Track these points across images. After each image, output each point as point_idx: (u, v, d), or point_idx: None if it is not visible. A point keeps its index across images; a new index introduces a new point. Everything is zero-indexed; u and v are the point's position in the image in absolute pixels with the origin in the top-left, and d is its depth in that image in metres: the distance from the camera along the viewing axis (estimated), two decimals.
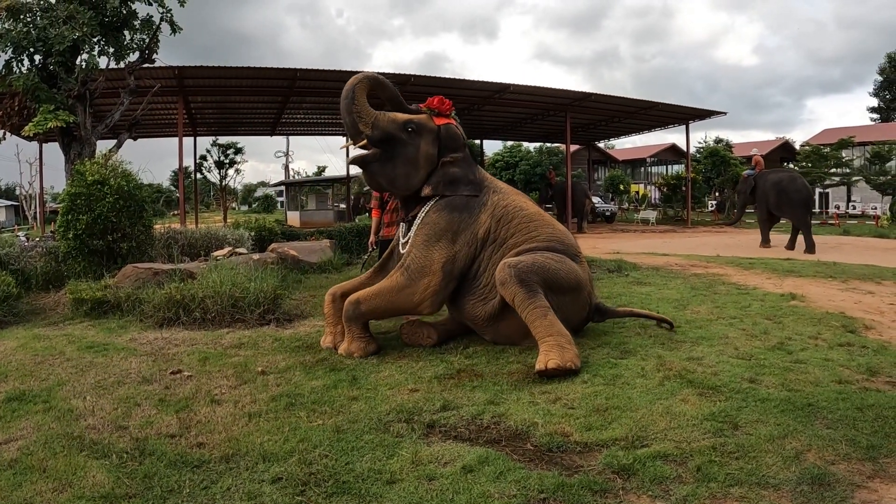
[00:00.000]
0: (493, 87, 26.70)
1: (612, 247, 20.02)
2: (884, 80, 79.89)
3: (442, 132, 7.55)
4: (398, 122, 7.35)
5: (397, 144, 7.30)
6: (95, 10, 14.26)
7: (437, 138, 7.54)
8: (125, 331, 8.38)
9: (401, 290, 7.02)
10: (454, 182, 7.47)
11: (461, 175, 7.52)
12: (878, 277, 12.36)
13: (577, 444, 4.48)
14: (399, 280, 7.06)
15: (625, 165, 73.71)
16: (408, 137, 7.35)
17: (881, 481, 3.91)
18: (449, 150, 7.56)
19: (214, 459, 4.25)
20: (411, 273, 7.04)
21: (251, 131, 38.03)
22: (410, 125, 7.37)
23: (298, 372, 6.31)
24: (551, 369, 5.88)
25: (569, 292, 7.04)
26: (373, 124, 7.17)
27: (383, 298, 7.03)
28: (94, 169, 11.56)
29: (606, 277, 12.16)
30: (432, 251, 7.08)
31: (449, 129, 7.62)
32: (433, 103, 7.74)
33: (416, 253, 7.12)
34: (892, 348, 6.99)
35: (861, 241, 23.60)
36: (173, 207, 55.13)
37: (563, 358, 6.00)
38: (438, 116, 7.67)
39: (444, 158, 7.50)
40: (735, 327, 7.97)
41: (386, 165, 7.31)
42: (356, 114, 7.14)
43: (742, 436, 4.51)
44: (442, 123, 7.61)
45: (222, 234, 14.47)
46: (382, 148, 7.26)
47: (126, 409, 5.31)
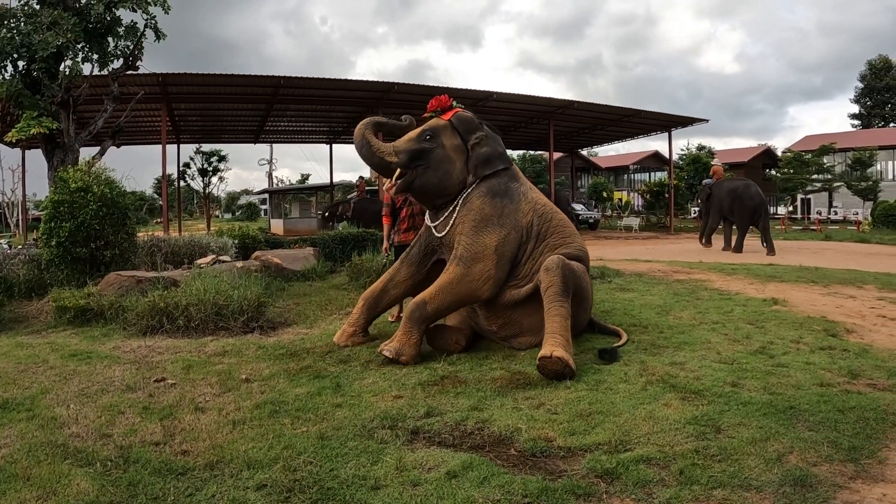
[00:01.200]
0: (477, 95, 26.76)
1: (595, 254, 19.96)
2: (864, 86, 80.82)
3: (454, 122, 7.83)
4: (414, 136, 7.72)
5: (425, 155, 7.59)
6: (80, 16, 14.25)
7: (454, 129, 7.80)
8: (109, 339, 8.35)
9: (460, 281, 7.15)
10: (488, 160, 7.75)
11: (491, 151, 7.81)
12: (860, 282, 12.46)
13: (561, 448, 4.51)
14: (456, 271, 7.18)
15: (608, 173, 74.02)
16: (430, 144, 7.64)
17: (863, 482, 3.96)
18: (469, 132, 7.82)
19: (199, 467, 4.24)
20: (466, 261, 7.19)
21: (235, 139, 37.97)
22: (426, 133, 7.71)
23: (282, 379, 6.30)
24: (556, 357, 6.00)
25: (581, 304, 7.35)
26: (396, 152, 7.55)
27: (446, 293, 7.15)
28: (78, 176, 11.51)
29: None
30: (483, 236, 7.28)
31: (458, 116, 7.93)
32: (433, 106, 8.04)
33: (466, 241, 7.29)
34: (873, 351, 7.07)
35: (843, 247, 23.79)
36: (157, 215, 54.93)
37: (568, 356, 6.13)
38: (444, 113, 7.95)
39: (470, 143, 7.73)
40: (717, 332, 8.04)
41: (427, 177, 7.61)
42: (378, 153, 7.62)
43: (724, 439, 4.55)
44: (450, 116, 7.89)
45: (206, 241, 14.41)
46: (415, 166, 7.54)
47: (110, 416, 5.29)
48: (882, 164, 56.22)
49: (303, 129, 36.07)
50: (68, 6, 14.27)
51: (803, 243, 26.02)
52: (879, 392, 5.60)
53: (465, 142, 7.77)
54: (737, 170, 62.05)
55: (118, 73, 15.72)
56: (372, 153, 7.60)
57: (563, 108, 30.85)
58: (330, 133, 37.32)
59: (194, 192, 50.56)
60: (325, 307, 10.44)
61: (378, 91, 26.36)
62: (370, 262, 12.42)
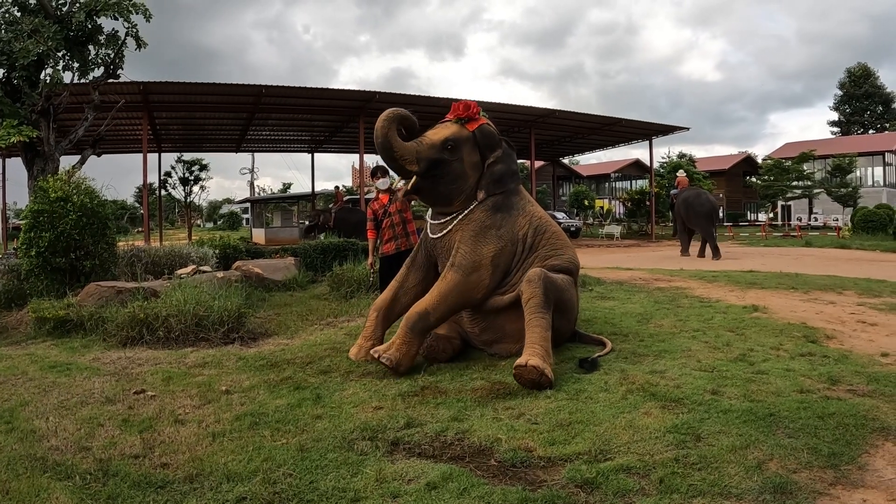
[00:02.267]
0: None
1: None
2: (843, 94, 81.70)
3: (477, 136, 7.59)
4: (437, 144, 7.38)
5: (442, 165, 7.38)
6: (61, 24, 14.21)
7: (476, 144, 7.60)
8: (88, 350, 8.30)
9: (458, 289, 7.13)
10: (501, 180, 7.63)
11: (505, 170, 7.70)
12: (840, 287, 12.52)
13: (541, 458, 4.51)
14: (455, 279, 7.15)
15: (589, 181, 74.35)
16: (450, 156, 7.41)
17: (843, 488, 3.98)
18: (490, 149, 7.66)
19: (178, 480, 4.22)
20: (464, 270, 7.16)
21: (216, 148, 37.90)
22: (449, 143, 7.41)
23: (262, 391, 6.28)
24: (531, 366, 6.00)
25: (564, 315, 7.36)
26: (417, 159, 7.24)
27: (445, 301, 7.14)
28: (57, 186, 11.46)
29: None
30: (481, 247, 7.25)
31: (483, 129, 7.65)
32: (459, 111, 7.70)
33: (465, 249, 7.25)
34: (852, 357, 7.09)
35: (823, 253, 23.94)
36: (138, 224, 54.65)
37: (544, 365, 6.14)
38: (469, 122, 7.65)
39: (487, 161, 7.61)
40: (698, 340, 8.04)
41: (438, 186, 7.45)
42: (400, 159, 7.21)
43: (704, 447, 4.55)
44: (475, 127, 7.63)
45: (186, 251, 14.35)
46: (430, 175, 7.37)
47: (89, 429, 5.26)
48: (861, 171, 56.76)
49: (284, 137, 36.06)
50: (49, 14, 14.23)
51: (784, 249, 26.18)
52: (859, 398, 5.62)
53: (484, 158, 7.61)
54: (717, 177, 62.57)
55: (99, 82, 15.68)
56: (393, 157, 7.18)
57: (545, 117, 30.97)
58: (311, 142, 37.32)
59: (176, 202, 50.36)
60: (305, 317, 10.40)
61: (360, 100, 26.38)
62: (351, 272, 12.40)
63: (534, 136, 33.07)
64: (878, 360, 6.95)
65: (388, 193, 9.42)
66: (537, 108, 29.90)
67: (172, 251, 14.23)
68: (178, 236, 42.33)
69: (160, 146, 33.53)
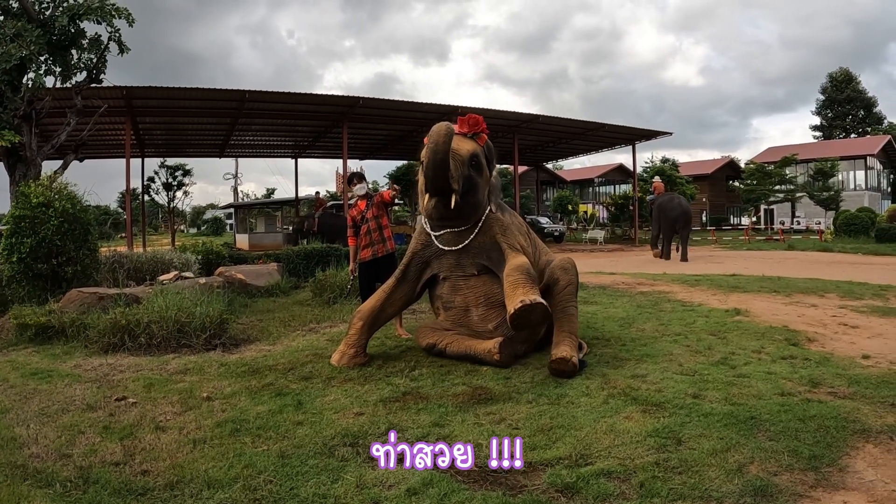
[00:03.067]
0: (442, 110, 26.83)
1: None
2: (826, 99, 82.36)
3: (486, 150, 7.72)
4: (466, 161, 7.29)
5: (470, 181, 7.34)
6: (43, 28, 14.15)
7: (487, 157, 7.72)
8: (70, 357, 8.25)
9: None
10: (499, 190, 8.18)
11: (499, 182, 8.28)
12: (822, 290, 12.63)
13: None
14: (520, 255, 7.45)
15: (573, 185, 74.58)
16: (476, 173, 7.42)
17: (824, 490, 4.01)
18: (492, 162, 7.93)
19: (159, 487, 4.21)
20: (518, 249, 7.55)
21: (200, 153, 37.78)
22: (474, 159, 7.42)
23: (244, 397, 6.26)
24: (573, 364, 6.61)
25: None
26: (458, 180, 7.16)
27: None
28: (39, 191, 11.40)
29: None
30: (515, 237, 7.71)
31: (488, 144, 7.84)
32: (473, 127, 7.65)
33: (507, 238, 7.61)
34: (834, 360, 7.17)
35: (805, 256, 24.12)
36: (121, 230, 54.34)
37: (574, 355, 6.76)
38: (478, 137, 7.67)
39: (493, 173, 7.96)
40: (679, 344, 8.11)
41: (468, 202, 7.41)
42: (451, 178, 7.07)
43: (685, 451, 4.58)
44: (483, 142, 7.73)
45: (168, 257, 14.31)
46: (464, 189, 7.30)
47: (70, 436, 5.24)
48: (843, 175, 57.26)
49: (268, 143, 35.99)
50: (32, 18, 14.16)
51: (767, 253, 26.33)
52: (840, 400, 5.67)
53: (490, 171, 7.82)
54: (701, 182, 62.86)
55: (82, 87, 15.61)
56: (446, 178, 7.00)
57: (528, 122, 31.05)
58: (295, 147, 37.25)
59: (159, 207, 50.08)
60: (288, 323, 10.40)
61: (343, 105, 26.37)
62: (334, 278, 12.40)
63: (517, 141, 33.10)
64: (859, 363, 7.04)
65: (366, 199, 9.40)
66: (521, 114, 29.95)
67: (154, 257, 14.18)
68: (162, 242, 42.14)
69: (143, 151, 33.39)
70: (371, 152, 39.68)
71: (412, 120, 29.65)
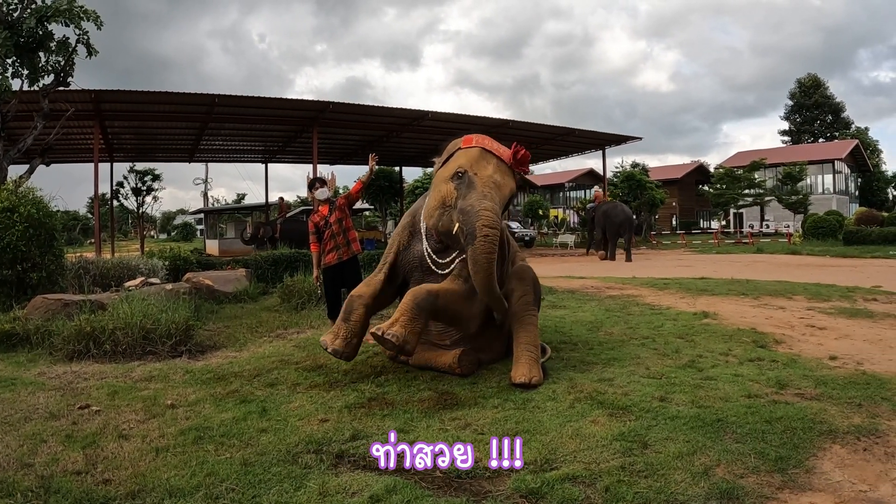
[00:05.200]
0: (412, 115, 26.88)
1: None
2: (794, 104, 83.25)
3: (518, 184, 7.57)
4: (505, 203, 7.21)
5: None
6: (10, 30, 14.01)
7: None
8: (34, 364, 8.12)
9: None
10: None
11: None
12: (790, 293, 12.78)
13: (487, 469, 4.51)
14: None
15: (544, 190, 74.80)
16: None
17: (790, 492, 4.04)
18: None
19: (120, 496, 4.16)
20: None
21: (169, 157, 37.56)
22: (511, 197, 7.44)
23: (208, 404, 6.20)
24: (535, 384, 6.42)
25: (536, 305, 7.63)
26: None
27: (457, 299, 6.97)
28: (4, 196, 11.27)
29: None
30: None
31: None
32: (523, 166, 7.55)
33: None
34: (801, 361, 7.24)
35: (774, 259, 24.40)
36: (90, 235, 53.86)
37: (534, 374, 6.52)
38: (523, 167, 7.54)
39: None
40: (647, 347, 8.15)
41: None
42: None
43: (651, 454, 4.59)
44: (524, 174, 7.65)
45: (135, 263, 14.20)
46: None
47: (32, 445, 5.14)
48: (811, 179, 57.96)
49: (238, 147, 35.84)
50: None
51: (736, 256, 26.56)
52: (807, 401, 5.73)
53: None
54: (671, 186, 63.30)
55: (49, 89, 15.48)
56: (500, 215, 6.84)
57: (499, 128, 31.06)
58: (265, 152, 37.13)
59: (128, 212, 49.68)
60: (255, 329, 10.33)
61: (314, 110, 26.32)
62: (302, 284, 12.34)
63: None
64: (827, 364, 7.12)
65: (328, 204, 9.33)
66: (492, 119, 30.02)
67: (121, 263, 14.08)
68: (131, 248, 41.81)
69: (112, 156, 33.14)
70: (342, 157, 39.61)
71: (383, 125, 29.67)
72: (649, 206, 46.18)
